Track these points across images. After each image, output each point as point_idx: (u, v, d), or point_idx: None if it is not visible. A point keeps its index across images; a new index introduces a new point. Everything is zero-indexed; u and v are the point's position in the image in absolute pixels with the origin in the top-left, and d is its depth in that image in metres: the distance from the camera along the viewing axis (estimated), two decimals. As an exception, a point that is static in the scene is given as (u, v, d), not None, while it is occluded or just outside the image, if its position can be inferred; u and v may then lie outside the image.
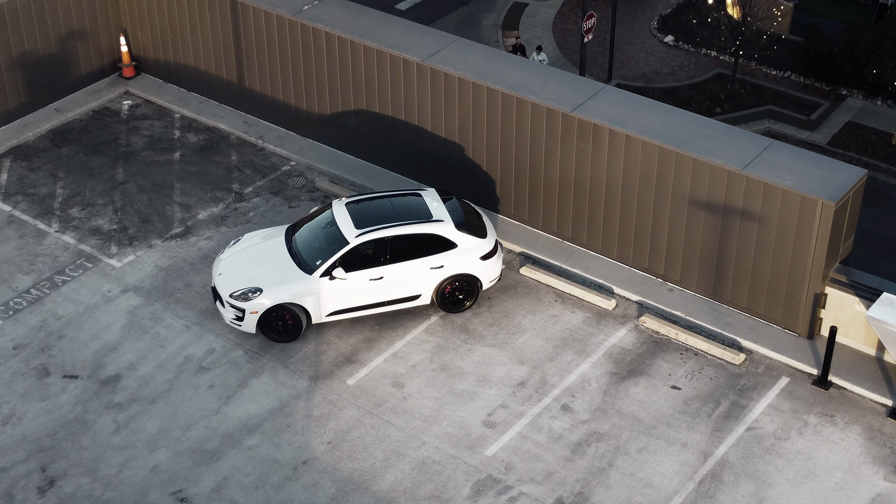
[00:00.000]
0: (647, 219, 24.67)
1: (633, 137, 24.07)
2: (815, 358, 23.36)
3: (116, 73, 31.96)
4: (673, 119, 24.72)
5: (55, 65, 30.66)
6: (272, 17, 28.49)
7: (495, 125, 25.87)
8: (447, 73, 26.09)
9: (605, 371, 23.21)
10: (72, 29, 30.64)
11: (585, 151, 24.86)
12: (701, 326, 24.09)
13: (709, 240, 24.00)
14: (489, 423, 22.12)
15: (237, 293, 23.36)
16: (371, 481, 21.01)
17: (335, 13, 28.43)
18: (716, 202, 23.53)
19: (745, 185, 23.04)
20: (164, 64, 31.60)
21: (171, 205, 27.57)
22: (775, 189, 22.74)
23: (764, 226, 23.16)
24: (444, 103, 26.43)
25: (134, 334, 24.03)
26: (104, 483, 21.00)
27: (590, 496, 20.74)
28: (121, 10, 31.50)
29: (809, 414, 22.32)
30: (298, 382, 22.97)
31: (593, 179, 24.99)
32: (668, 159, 23.81)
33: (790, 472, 21.16)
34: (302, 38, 28.12)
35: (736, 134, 24.26)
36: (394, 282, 23.73)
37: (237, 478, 21.09)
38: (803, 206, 22.53)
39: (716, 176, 23.32)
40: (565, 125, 24.85)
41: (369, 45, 27.06)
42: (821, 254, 22.77)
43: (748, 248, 23.57)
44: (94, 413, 22.35)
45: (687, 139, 23.96)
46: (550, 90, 25.47)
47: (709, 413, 22.33)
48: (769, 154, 23.63)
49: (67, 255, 26.10)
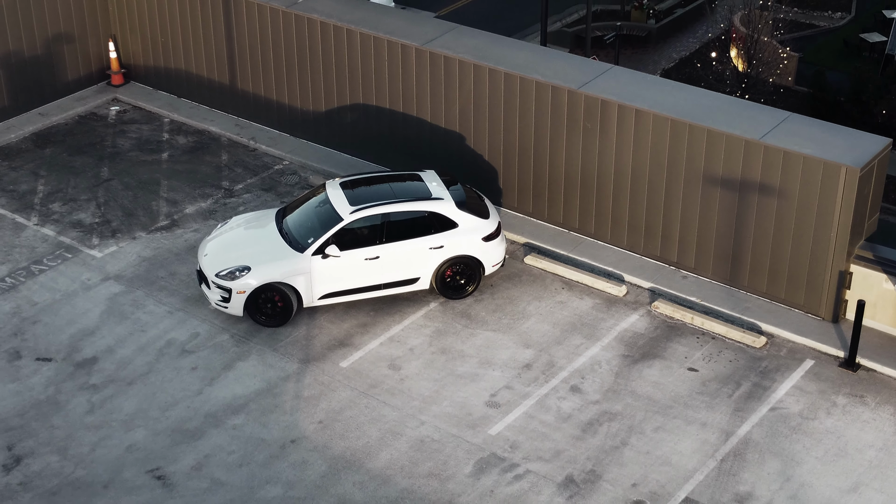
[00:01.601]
0: (658, 203, 23.30)
1: (644, 111, 22.81)
2: (841, 340, 21.81)
3: (105, 80, 30.82)
4: (685, 95, 23.50)
5: (41, 69, 29.54)
6: (265, 9, 27.44)
7: (497, 109, 24.63)
8: (447, 55, 24.94)
9: (616, 354, 21.66)
10: (59, 33, 29.59)
11: (593, 132, 23.58)
12: (718, 311, 22.58)
13: (724, 221, 22.60)
14: (492, 404, 20.52)
15: (223, 272, 21.91)
16: (365, 459, 19.36)
17: (330, 5, 27.40)
18: (732, 177, 22.18)
19: (764, 155, 21.72)
20: (154, 71, 30.49)
21: (157, 200, 26.23)
22: (795, 157, 21.41)
23: (784, 200, 21.78)
24: (444, 89, 25.23)
25: (113, 319, 22.53)
26: (75, 461, 19.35)
27: (603, 473, 19.08)
28: (110, 16, 30.48)
29: (838, 395, 20.72)
30: (288, 365, 21.42)
31: (601, 163, 23.68)
32: (680, 133, 22.52)
33: (819, 451, 19.52)
34: (296, 29, 27.04)
35: (752, 107, 23.04)
36: (391, 262, 22.27)
37: (220, 456, 19.44)
38: (826, 173, 21.18)
39: (732, 147, 22.00)
40: (571, 103, 23.60)
41: (366, 32, 25.96)
42: (845, 226, 21.35)
43: (767, 227, 22.16)
44: (67, 394, 20.76)
45: (700, 113, 22.70)
46: (555, 70, 24.28)
47: (729, 394, 20.74)
48: (788, 125, 22.36)
49: (46, 246, 24.69)
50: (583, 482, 18.90)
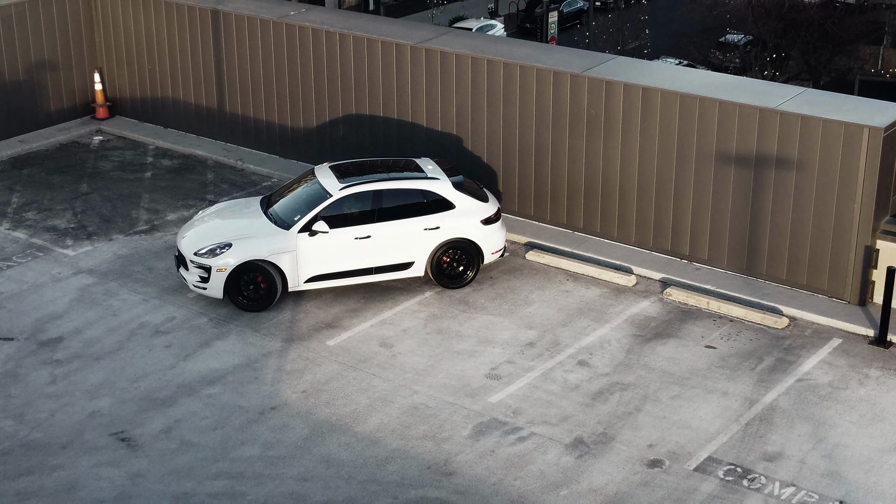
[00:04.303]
0: (668, 192, 21.88)
1: (651, 89, 21.59)
2: (870, 321, 20.14)
3: (89, 114, 29.65)
4: (693, 75, 22.39)
5: (24, 99, 28.43)
6: (256, 21, 26.47)
7: (496, 104, 23.41)
8: (443, 51, 23.86)
9: (626, 334, 19.96)
10: (44, 63, 28.58)
11: (597, 119, 22.31)
12: (736, 298, 20.92)
13: (739, 204, 21.15)
14: (493, 376, 18.75)
15: (203, 250, 20.35)
16: (352, 424, 17.51)
17: (322, 16, 26.49)
18: (746, 153, 20.82)
19: (780, 124, 20.41)
20: (140, 103, 29.38)
21: (138, 210, 24.79)
22: (814, 122, 20.10)
23: (802, 172, 20.38)
24: (441, 88, 24.06)
25: (83, 306, 20.87)
26: (31, 426, 17.48)
27: (615, 436, 17.21)
28: (96, 48, 29.51)
29: (870, 368, 18.97)
30: (270, 343, 19.69)
31: (607, 155, 22.35)
32: (690, 108, 21.26)
33: (853, 416, 17.68)
34: (287, 40, 26.03)
35: (765, 83, 21.83)
36: (383, 243, 20.72)
37: (192, 421, 17.59)
38: (848, 136, 19.83)
39: (745, 118, 20.70)
40: (574, 89, 22.40)
41: (359, 35, 24.95)
42: (870, 195, 19.90)
43: (785, 205, 20.71)
44: (29, 368, 18.99)
45: (710, 90, 21.47)
46: (556, 60, 23.16)
47: (751, 367, 18.98)
48: (804, 96, 21.14)
49: (16, 246, 23.16)
50: (593, 443, 17.03)
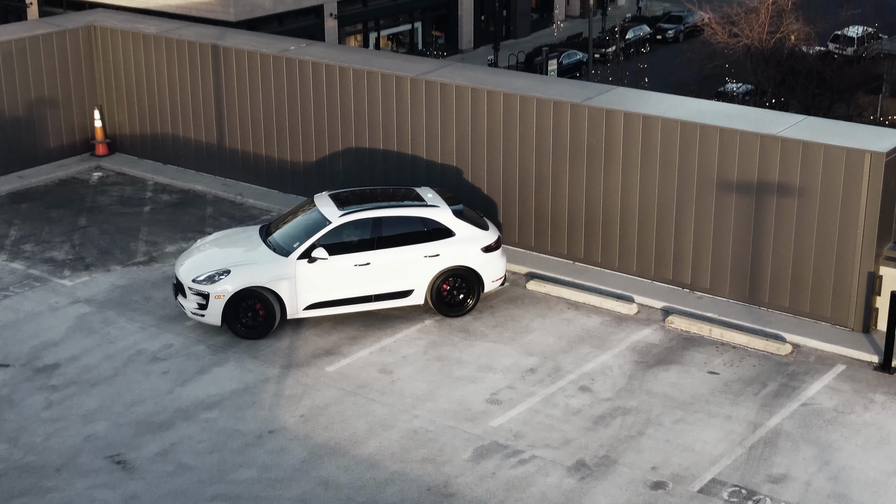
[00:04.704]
0: (669, 221, 21.78)
1: (651, 117, 21.55)
2: (874, 348, 19.95)
3: (89, 151, 29.61)
4: (693, 104, 22.34)
5: (22, 135, 28.38)
6: (256, 56, 26.50)
7: (496, 135, 23.36)
8: (443, 82, 23.85)
9: (628, 360, 19.77)
10: (44, 100, 28.57)
11: (598, 149, 22.25)
12: (738, 325, 20.75)
13: (741, 232, 21.04)
14: (493, 401, 18.54)
15: (201, 277, 20.20)
16: (351, 447, 17.28)
17: (322, 51, 26.55)
18: (747, 180, 20.74)
19: (781, 150, 20.34)
20: (140, 140, 29.35)
21: (136, 242, 24.66)
22: (815, 148, 20.04)
23: (804, 198, 20.29)
24: (441, 121, 24.02)
25: (80, 334, 20.70)
26: (25, 449, 17.25)
27: (618, 458, 16.98)
28: (97, 85, 29.53)
29: (875, 393, 18.76)
30: (268, 370, 19.49)
31: (607, 185, 22.27)
32: (691, 136, 21.21)
33: (859, 439, 17.46)
34: (287, 75, 26.04)
35: (765, 112, 21.80)
36: (382, 271, 20.57)
37: (188, 444, 17.36)
38: (849, 162, 19.76)
39: (747, 145, 20.65)
40: (574, 118, 22.36)
41: (358, 68, 24.95)
42: (872, 220, 19.80)
43: (787, 232, 20.59)
44: (24, 393, 18.79)
45: (711, 117, 21.44)
46: (556, 90, 23.15)
47: (755, 392, 18.78)
48: (805, 123, 21.10)
49: (13, 277, 23.01)
50: (595, 466, 16.79)
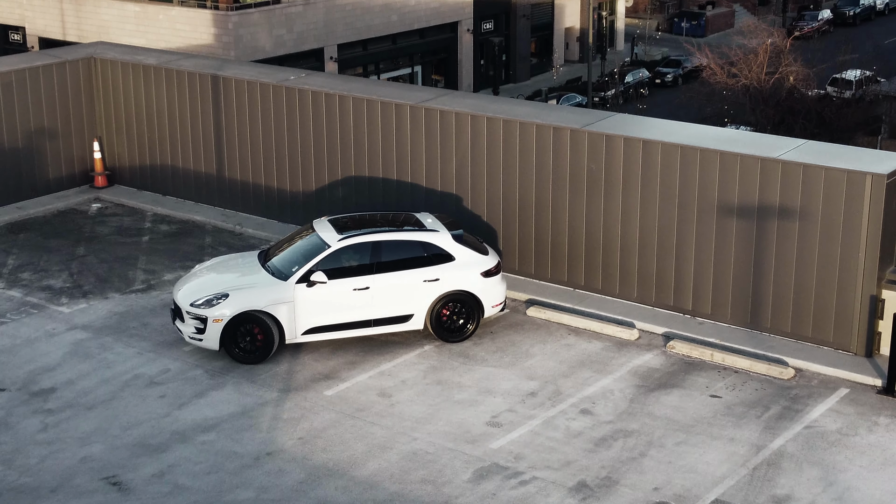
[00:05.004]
0: (669, 246, 21.68)
1: (651, 142, 21.52)
2: (877, 371, 19.79)
3: (88, 182, 29.56)
4: (693, 129, 22.36)
5: (21, 167, 28.34)
6: (255, 85, 26.51)
7: (496, 161, 23.32)
8: (443, 110, 23.83)
9: (630, 384, 19.60)
10: (43, 132, 28.55)
11: (598, 175, 22.20)
12: (740, 350, 20.60)
13: (742, 256, 20.94)
14: (494, 423, 18.36)
15: (199, 301, 20.08)
16: (350, 468, 17.09)
17: (321, 80, 26.56)
18: (748, 204, 20.67)
19: (782, 173, 20.29)
20: (139, 171, 29.32)
21: (134, 270, 24.54)
22: (816, 171, 19.98)
23: (805, 222, 20.21)
24: (441, 148, 23.98)
25: (77, 358, 20.54)
26: (20, 471, 17.06)
27: (620, 479, 16.78)
28: (96, 117, 29.53)
29: (879, 416, 18.59)
30: (266, 393, 19.32)
31: (607, 212, 22.19)
32: (691, 160, 21.16)
33: (863, 461, 17.27)
34: (287, 104, 26.03)
35: (765, 136, 21.78)
36: (382, 295, 20.44)
37: (185, 465, 17.17)
38: (850, 184, 19.69)
39: (747, 169, 20.59)
40: (574, 144, 22.32)
41: (358, 96, 24.95)
42: (874, 243, 19.70)
43: (788, 256, 20.49)
44: (19, 416, 18.61)
45: (710, 142, 21.40)
46: (556, 117, 23.13)
47: (758, 415, 18.60)
48: (806, 147, 21.06)
49: (11, 304, 22.87)
50: (597, 486, 16.59)
